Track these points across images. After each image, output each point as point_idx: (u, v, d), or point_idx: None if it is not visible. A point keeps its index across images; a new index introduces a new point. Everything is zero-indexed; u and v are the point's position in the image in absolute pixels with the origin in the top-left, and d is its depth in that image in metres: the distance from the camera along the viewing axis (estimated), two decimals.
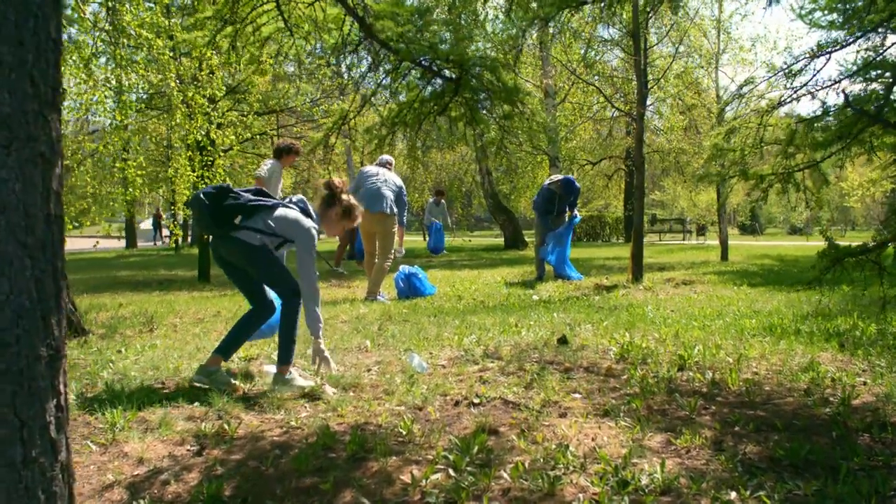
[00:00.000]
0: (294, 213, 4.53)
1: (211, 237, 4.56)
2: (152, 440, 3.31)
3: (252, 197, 4.53)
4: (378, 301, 8.19)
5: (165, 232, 35.50)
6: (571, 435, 3.31)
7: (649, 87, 10.15)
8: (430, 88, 3.77)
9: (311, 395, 4.18)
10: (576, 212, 10.68)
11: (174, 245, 25.51)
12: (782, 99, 4.99)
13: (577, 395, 4.05)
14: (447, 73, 4.03)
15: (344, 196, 4.72)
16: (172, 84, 7.31)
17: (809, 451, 3.06)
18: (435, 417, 3.68)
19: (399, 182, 8.90)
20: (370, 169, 9.06)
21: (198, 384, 4.29)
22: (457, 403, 3.94)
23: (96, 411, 3.73)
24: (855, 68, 4.80)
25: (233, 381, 4.34)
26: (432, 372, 4.63)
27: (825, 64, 4.68)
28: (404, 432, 3.35)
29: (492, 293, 8.84)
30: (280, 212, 4.51)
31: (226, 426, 3.44)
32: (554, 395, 3.99)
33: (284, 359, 4.39)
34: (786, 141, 5.01)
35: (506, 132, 4.06)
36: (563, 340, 5.30)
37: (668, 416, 3.64)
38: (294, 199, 4.68)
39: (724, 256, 15.94)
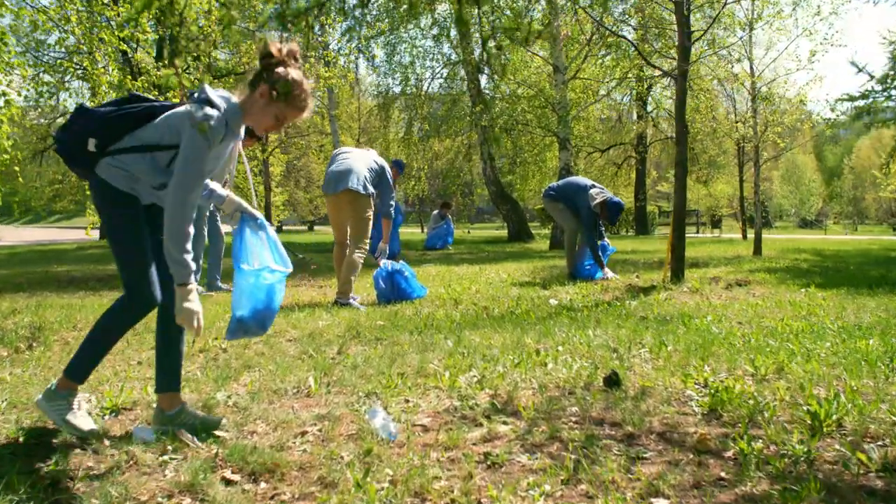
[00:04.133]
0: (186, 107, 2.80)
1: None
2: None
3: (114, 108, 2.90)
4: (350, 307, 6.33)
5: None
6: None
7: (693, 39, 8.23)
8: None
9: (189, 488, 2.35)
10: (607, 241, 8.90)
11: None
12: None
13: (662, 503, 2.20)
14: None
15: (282, 69, 2.85)
16: (73, 19, 5.43)
17: None
18: None
19: (382, 162, 6.99)
20: (343, 147, 7.25)
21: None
22: None
23: None
24: None
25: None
26: (405, 441, 2.77)
27: None
28: None
29: (497, 296, 6.96)
30: (167, 112, 2.89)
31: None
32: None
33: (71, 372, 2.89)
34: None
35: None
36: (612, 381, 3.42)
37: None
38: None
39: (758, 251, 14.11)
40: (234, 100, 2.87)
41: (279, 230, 37.78)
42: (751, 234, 20.46)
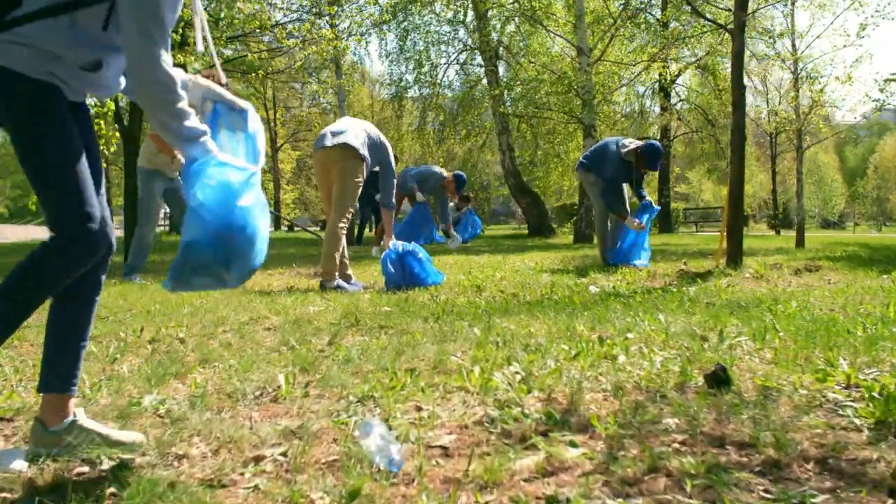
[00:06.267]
0: None
1: None
2: None
3: None
4: (340, 291, 5.33)
5: None
6: None
7: None
8: None
9: None
10: (648, 199, 7.76)
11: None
12: None
13: None
14: None
15: None
16: None
17: None
18: None
19: (382, 138, 6.05)
20: (345, 118, 6.29)
21: None
22: None
23: None
24: None
25: None
26: (414, 474, 1.72)
27: None
28: None
29: (527, 283, 5.89)
30: None
31: None
32: None
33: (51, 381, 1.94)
34: None
35: None
36: (718, 378, 2.34)
37: None
38: None
39: (801, 243, 13.04)
40: None
41: (290, 230, 36.86)
42: (785, 232, 19.40)
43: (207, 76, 3.37)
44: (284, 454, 1.88)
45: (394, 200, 6.21)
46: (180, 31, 10.54)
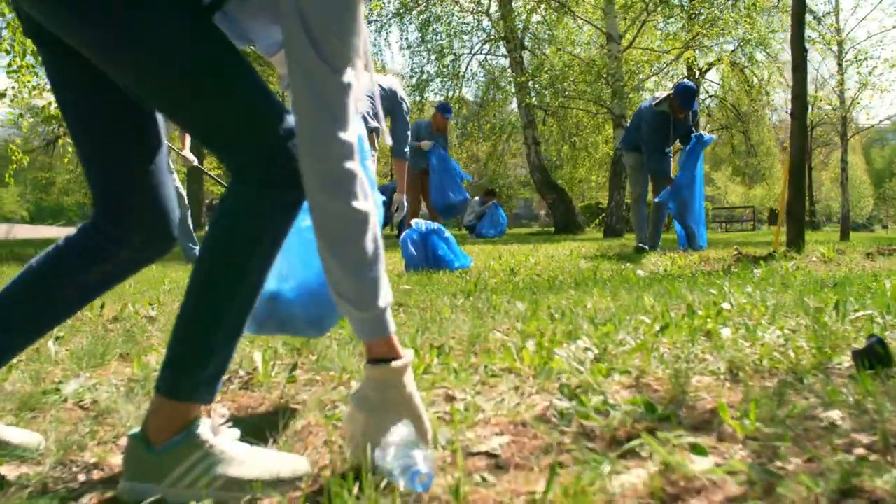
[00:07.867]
0: None
1: None
2: None
3: None
4: None
5: None
6: None
7: None
8: None
9: None
10: (703, 133, 6.98)
11: None
12: None
13: None
14: None
15: None
16: None
17: None
18: None
19: (392, 87, 5.28)
20: None
21: None
22: None
23: None
24: None
25: None
26: (446, 501, 1.04)
27: None
28: None
29: (565, 267, 5.19)
30: None
31: None
32: None
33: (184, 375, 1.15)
34: None
35: None
36: (875, 354, 1.64)
37: None
38: None
39: (846, 236, 12.33)
40: None
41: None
42: (825, 228, 18.56)
43: None
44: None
45: (407, 150, 5.52)
46: None
